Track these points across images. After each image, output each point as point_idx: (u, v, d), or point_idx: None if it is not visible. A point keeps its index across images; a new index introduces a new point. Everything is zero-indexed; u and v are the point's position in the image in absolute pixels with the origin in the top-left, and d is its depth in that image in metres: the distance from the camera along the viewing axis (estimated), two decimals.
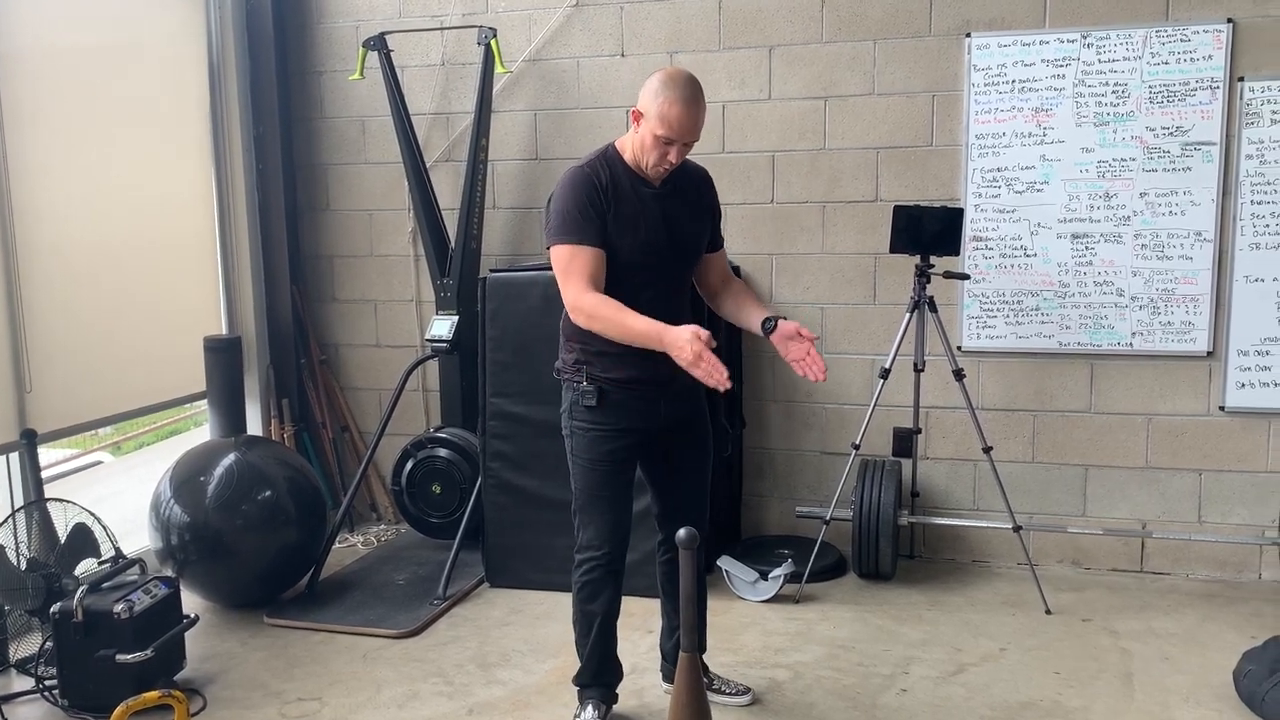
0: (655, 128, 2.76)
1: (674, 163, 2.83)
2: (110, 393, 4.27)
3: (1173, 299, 4.16)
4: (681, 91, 2.75)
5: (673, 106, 2.73)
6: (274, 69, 4.95)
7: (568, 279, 2.80)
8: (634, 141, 2.84)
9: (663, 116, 2.74)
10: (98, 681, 3.21)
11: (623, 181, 2.85)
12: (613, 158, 2.89)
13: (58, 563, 3.52)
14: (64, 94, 4.02)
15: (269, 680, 3.49)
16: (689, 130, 2.78)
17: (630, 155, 2.87)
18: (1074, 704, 3.22)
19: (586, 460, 2.96)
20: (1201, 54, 4.02)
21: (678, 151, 2.81)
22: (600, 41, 4.63)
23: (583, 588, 3.02)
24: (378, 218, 5.06)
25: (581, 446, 2.96)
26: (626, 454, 2.98)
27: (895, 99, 4.34)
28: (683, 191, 2.96)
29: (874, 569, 4.22)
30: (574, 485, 3.01)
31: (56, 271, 3.97)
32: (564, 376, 3.01)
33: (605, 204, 2.81)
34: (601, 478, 2.95)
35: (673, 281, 2.97)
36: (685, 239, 2.97)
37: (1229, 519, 4.21)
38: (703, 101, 2.81)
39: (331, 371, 5.21)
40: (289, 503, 4.03)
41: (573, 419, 2.98)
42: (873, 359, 4.44)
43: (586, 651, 3.07)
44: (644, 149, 2.81)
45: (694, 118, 2.77)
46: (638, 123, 2.82)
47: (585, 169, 2.85)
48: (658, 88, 2.76)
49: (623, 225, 2.83)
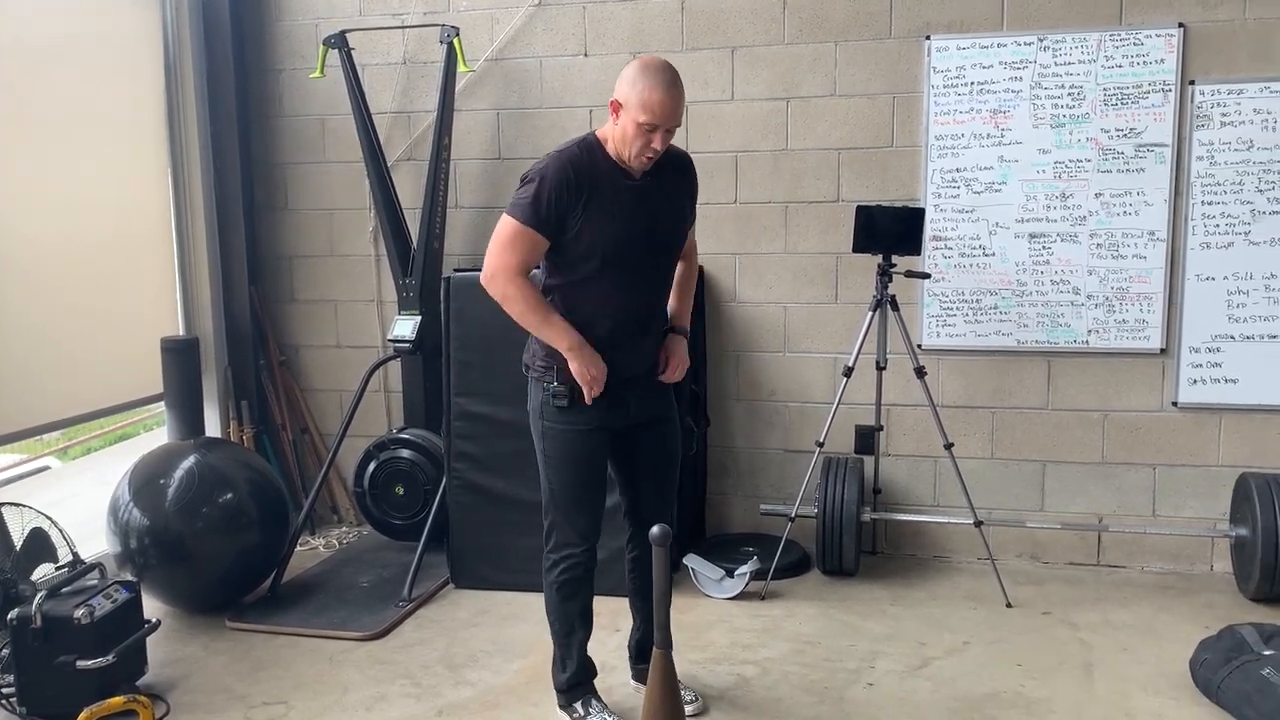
0: (637, 115, 2.73)
1: (658, 150, 2.80)
2: (65, 395, 4.19)
3: (1127, 297, 4.25)
4: (661, 77, 2.74)
5: (654, 92, 2.72)
6: (232, 66, 4.88)
7: (504, 253, 2.80)
8: (615, 133, 2.81)
9: (644, 103, 2.72)
10: (58, 688, 3.15)
11: (602, 172, 2.83)
12: (593, 146, 2.86)
13: (14, 568, 3.45)
14: (14, 91, 3.94)
15: (233, 684, 3.45)
16: (671, 115, 2.76)
17: (612, 146, 2.84)
18: (1037, 695, 3.28)
19: (560, 460, 2.95)
20: (1154, 58, 4.12)
21: (661, 138, 2.78)
22: (563, 41, 4.63)
23: (562, 586, 3.01)
24: (338, 217, 5.01)
25: (555, 447, 2.95)
26: (600, 451, 2.98)
27: (856, 100, 4.39)
28: (663, 181, 2.93)
29: (838, 565, 4.26)
30: (547, 485, 3.00)
31: (9, 272, 3.89)
32: (533, 374, 3.00)
33: (577, 196, 2.78)
34: (577, 477, 2.95)
35: (650, 272, 2.96)
36: (665, 229, 2.95)
37: (1182, 512, 4.30)
38: (681, 85, 2.80)
39: (291, 373, 5.15)
40: (250, 505, 3.99)
41: (544, 419, 2.96)
42: (835, 357, 4.48)
43: (574, 652, 3.06)
44: (626, 139, 2.78)
45: (676, 102, 2.76)
46: (616, 114, 2.79)
47: (565, 156, 2.82)
48: (636, 76, 2.75)
49: (600, 216, 2.81)
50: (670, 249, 3.01)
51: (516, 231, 2.79)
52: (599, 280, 2.85)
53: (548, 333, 2.85)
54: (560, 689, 3.11)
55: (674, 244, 3.02)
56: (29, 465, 6.80)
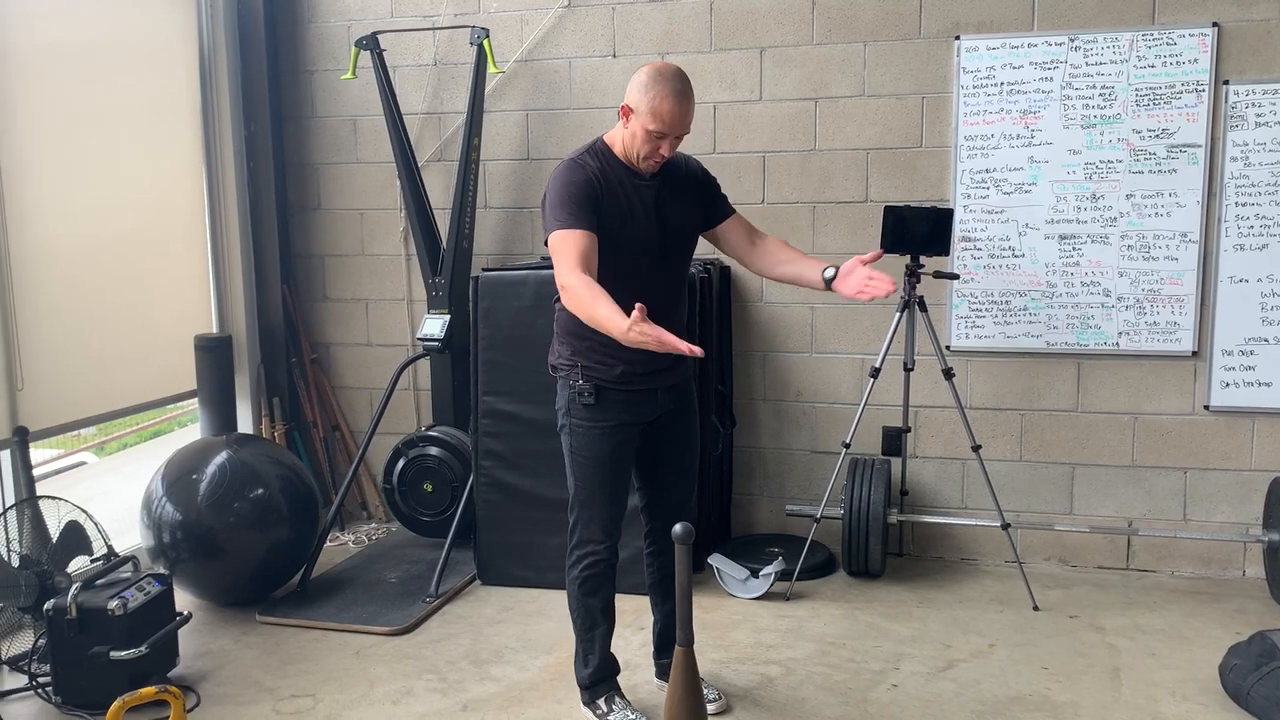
0: (647, 122, 2.78)
1: (666, 156, 2.86)
2: (101, 391, 4.27)
3: (1158, 299, 4.21)
4: (672, 85, 2.78)
5: (664, 101, 2.76)
6: (265, 68, 4.96)
7: (559, 261, 2.80)
8: (624, 136, 2.87)
9: (654, 111, 2.77)
10: (91, 678, 3.21)
11: (613, 173, 2.87)
12: (602, 150, 2.91)
13: (50, 560, 3.52)
14: (55, 92, 4.02)
15: (263, 677, 3.50)
16: (680, 124, 2.81)
17: (620, 149, 2.89)
18: (1062, 698, 3.26)
19: (586, 457, 2.98)
20: (1187, 58, 4.08)
21: (669, 145, 2.84)
22: (592, 42, 4.66)
23: (585, 582, 3.04)
24: (369, 217, 5.07)
25: (581, 444, 2.98)
26: (626, 448, 3.01)
27: (885, 100, 4.38)
28: (673, 182, 2.98)
29: (864, 567, 4.25)
30: (573, 481, 3.03)
31: (48, 270, 3.97)
32: (559, 373, 3.03)
33: (599, 195, 2.83)
34: (603, 474, 2.98)
35: (665, 270, 2.98)
36: (676, 229, 2.99)
37: (1213, 517, 4.26)
38: (692, 94, 2.84)
39: (322, 370, 5.21)
40: (281, 501, 4.04)
41: (571, 416, 2.99)
42: (862, 358, 4.47)
43: (596, 648, 3.08)
44: (635, 143, 2.84)
45: (685, 111, 2.80)
46: (626, 118, 2.84)
47: (575, 160, 2.88)
48: (647, 82, 2.79)
49: (614, 217, 2.85)
50: (682, 248, 3.04)
51: (560, 238, 2.80)
52: (619, 276, 2.86)
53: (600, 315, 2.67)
54: (583, 685, 3.13)
55: (685, 240, 3.05)
56: (66, 460, 6.93)
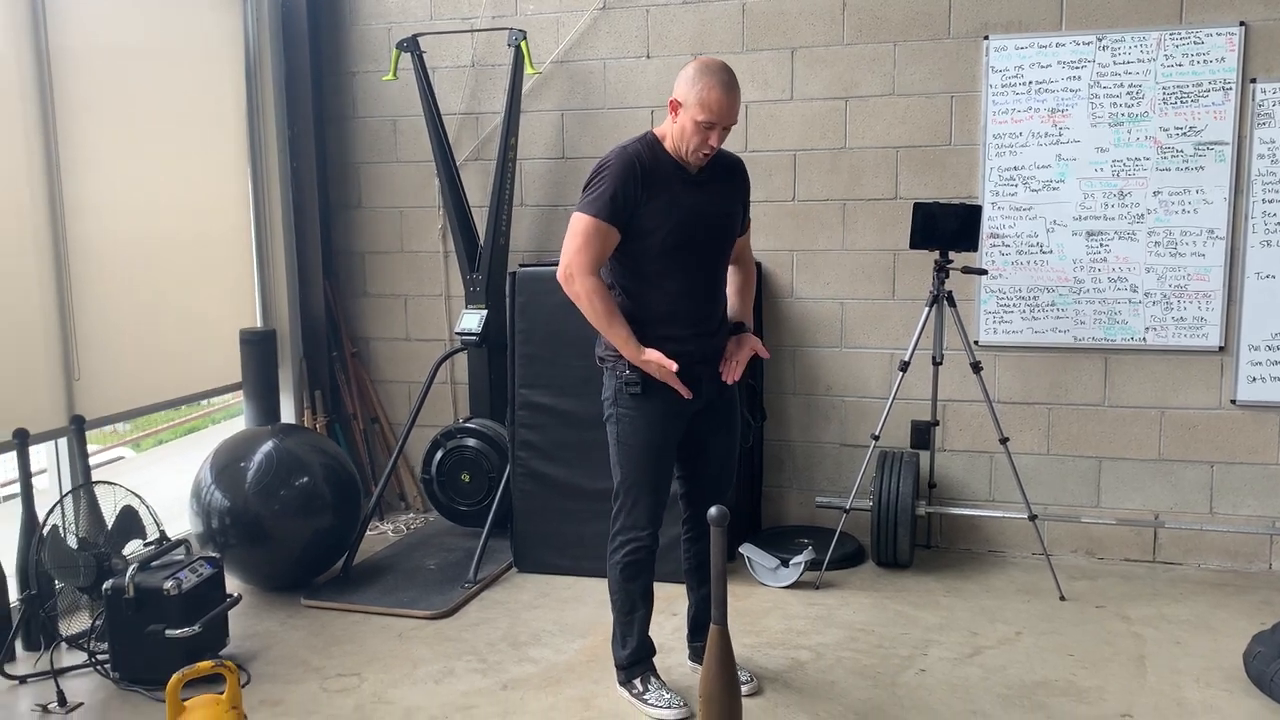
0: (696, 114, 2.87)
1: (715, 147, 2.95)
2: (152, 382, 4.42)
3: (1185, 295, 4.26)
4: (719, 76, 2.88)
5: (712, 91, 2.86)
6: (308, 70, 5.09)
7: (579, 250, 2.94)
8: (674, 130, 2.96)
9: (703, 102, 2.86)
10: (147, 656, 3.34)
11: (662, 167, 2.98)
12: (654, 143, 3.01)
13: (107, 543, 3.66)
14: (108, 93, 4.17)
15: (309, 657, 3.63)
16: (728, 113, 2.90)
17: (670, 143, 2.99)
18: (1088, 684, 3.32)
19: (633, 445, 3.08)
20: (1214, 56, 4.13)
21: (718, 135, 2.93)
22: (626, 43, 4.76)
23: (626, 568, 3.13)
24: (409, 215, 5.19)
25: (628, 433, 3.08)
26: (672, 437, 3.11)
27: (915, 99, 4.45)
28: (718, 178, 3.08)
29: (892, 557, 4.33)
30: (620, 469, 3.12)
31: (102, 266, 4.12)
32: (606, 364, 3.13)
33: (642, 189, 2.93)
34: (649, 462, 3.08)
35: (708, 262, 3.09)
36: (719, 222, 3.09)
37: (1240, 510, 4.30)
38: (738, 85, 2.94)
39: (363, 364, 5.35)
40: (325, 489, 4.16)
41: (618, 406, 3.09)
42: (891, 353, 4.55)
43: (635, 630, 3.18)
44: (684, 136, 2.93)
45: (733, 101, 2.90)
46: (675, 113, 2.94)
47: (630, 152, 2.97)
48: (694, 75, 2.89)
49: (660, 208, 2.96)
50: (724, 241, 3.14)
51: (591, 227, 2.93)
52: (662, 272, 3.00)
53: (613, 336, 3.00)
54: (621, 665, 3.23)
55: (728, 237, 3.14)
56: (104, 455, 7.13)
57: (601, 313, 2.97)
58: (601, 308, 2.97)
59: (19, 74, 3.77)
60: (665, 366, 2.94)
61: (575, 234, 2.96)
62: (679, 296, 3.03)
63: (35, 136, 3.83)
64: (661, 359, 2.94)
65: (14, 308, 3.76)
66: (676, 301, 3.03)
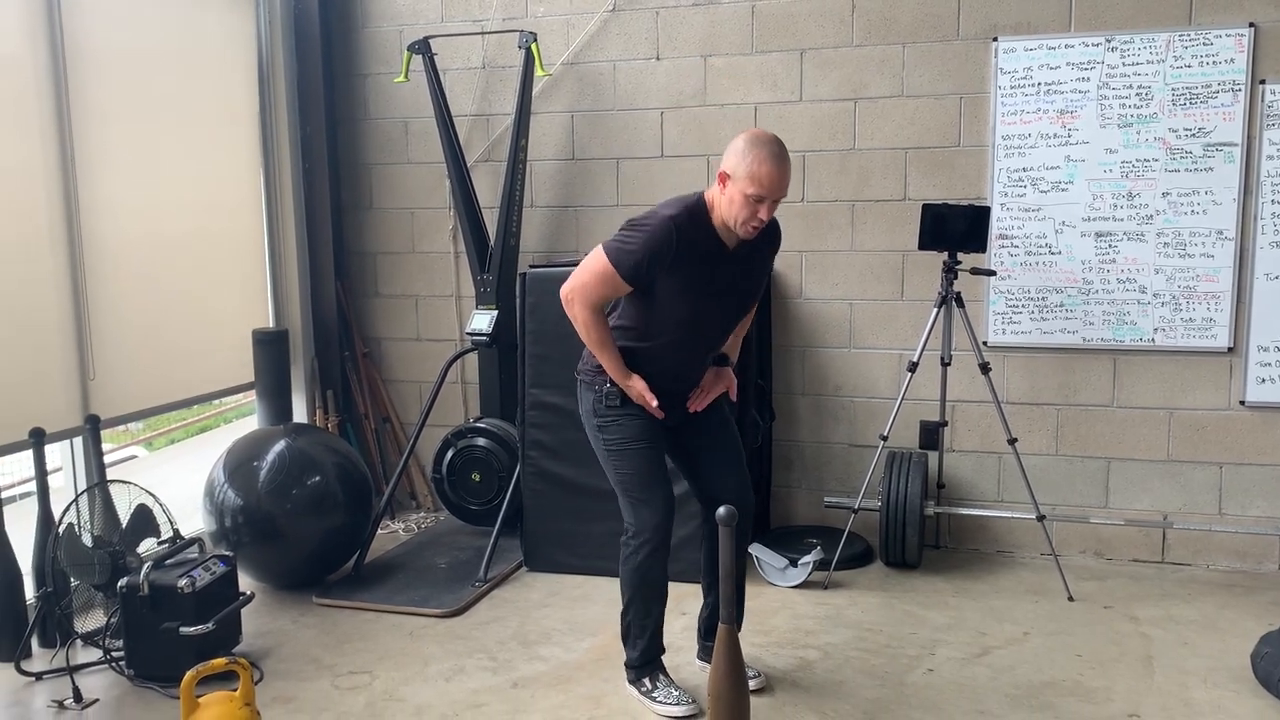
0: (745, 187, 2.84)
1: (764, 220, 2.90)
2: (165, 381, 4.46)
3: (1194, 296, 4.27)
4: (770, 149, 2.85)
5: (763, 165, 2.83)
6: (321, 72, 5.13)
7: (589, 285, 2.97)
8: (722, 201, 2.92)
9: (753, 175, 2.83)
10: (162, 653, 3.38)
11: (701, 240, 2.96)
12: (699, 213, 2.96)
13: (121, 541, 3.70)
14: (123, 94, 4.21)
15: (321, 655, 3.66)
16: (779, 187, 2.87)
17: (718, 213, 2.95)
18: (1095, 684, 3.33)
19: (624, 443, 3.11)
20: (1223, 57, 4.13)
21: (768, 209, 2.89)
22: (636, 45, 4.78)
23: (638, 568, 3.14)
24: (419, 216, 5.23)
25: (616, 433, 3.11)
26: (657, 437, 3.14)
27: (923, 101, 4.46)
28: (755, 249, 3.07)
29: (900, 558, 4.34)
30: (617, 474, 3.15)
31: (117, 266, 4.16)
32: (583, 378, 3.18)
33: (671, 264, 2.93)
34: (644, 457, 3.10)
35: (714, 331, 3.15)
36: (741, 299, 3.16)
37: (1249, 511, 4.31)
38: (789, 158, 2.90)
39: (374, 364, 5.38)
40: (337, 488, 4.19)
41: (598, 416, 3.14)
42: (900, 353, 4.56)
43: (646, 630, 3.20)
44: (733, 208, 2.88)
45: (784, 174, 2.87)
46: (724, 184, 2.89)
47: (673, 222, 2.91)
48: (745, 148, 2.86)
49: (686, 281, 2.96)
50: (741, 312, 3.20)
51: (609, 274, 2.95)
52: (669, 330, 3.05)
53: (603, 360, 3.06)
54: (631, 664, 3.25)
55: (746, 308, 3.21)
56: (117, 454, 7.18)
57: (595, 339, 3.03)
58: (595, 335, 3.02)
59: (35, 76, 3.81)
60: (646, 402, 3.02)
61: (592, 270, 2.97)
62: (676, 350, 3.08)
63: (51, 137, 3.87)
64: (644, 392, 3.02)
65: (30, 308, 3.81)
66: (672, 355, 3.08)
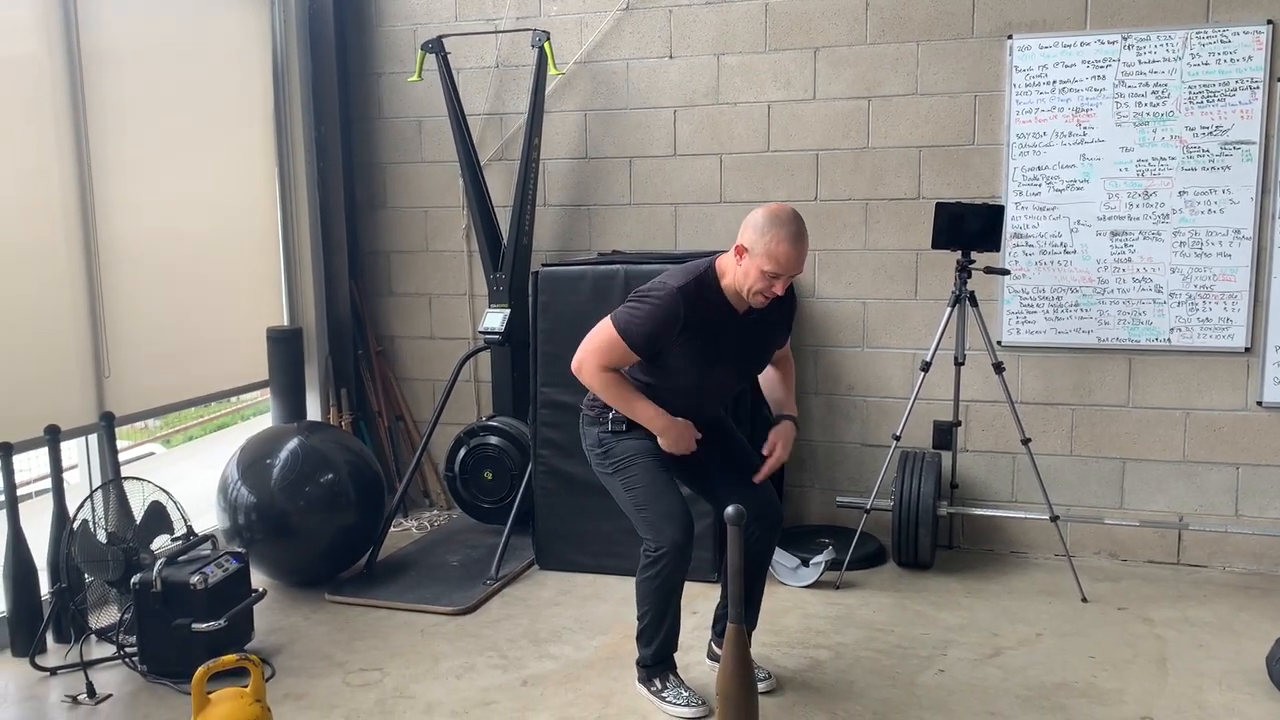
0: (763, 264, 2.87)
1: (778, 294, 2.94)
2: (180, 379, 4.48)
3: (1211, 295, 4.23)
4: (789, 229, 2.86)
5: (781, 244, 2.85)
6: (335, 71, 5.15)
7: (599, 352, 3.00)
8: (737, 273, 2.94)
9: (770, 253, 2.85)
10: (174, 649, 3.40)
11: (712, 307, 2.99)
12: (709, 283, 2.99)
13: (135, 538, 3.72)
14: (138, 93, 4.23)
15: (333, 652, 3.67)
16: (796, 266, 2.90)
17: (729, 281, 2.97)
18: (1108, 686, 3.31)
19: (632, 457, 3.10)
20: (1241, 55, 4.09)
21: (783, 284, 2.92)
22: (649, 44, 4.78)
23: (655, 576, 3.08)
24: (433, 215, 5.24)
25: (624, 451, 3.12)
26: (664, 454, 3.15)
27: (937, 99, 4.44)
28: (768, 316, 3.08)
29: (913, 558, 4.32)
30: (627, 493, 3.13)
31: (132, 264, 4.18)
32: (587, 414, 3.21)
33: (679, 335, 2.95)
34: (654, 471, 3.09)
35: (730, 385, 3.19)
36: (752, 362, 3.18)
37: (1266, 512, 4.27)
38: (807, 236, 2.92)
39: (388, 362, 5.40)
40: (349, 486, 4.21)
41: (603, 444, 3.15)
42: (913, 353, 4.54)
43: (661, 632, 3.19)
44: (748, 280, 2.92)
45: (801, 253, 2.89)
46: (740, 257, 2.92)
47: (681, 295, 2.94)
48: (764, 225, 2.87)
49: (697, 347, 2.99)
50: (757, 366, 3.22)
51: (618, 344, 2.97)
52: (679, 391, 3.07)
53: (635, 414, 3.06)
54: (643, 664, 3.25)
55: (760, 368, 3.23)
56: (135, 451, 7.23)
57: (618, 397, 3.03)
58: (616, 393, 3.03)
59: (51, 75, 3.84)
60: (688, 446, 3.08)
61: (601, 340, 3.00)
62: (686, 403, 3.10)
63: (67, 137, 3.90)
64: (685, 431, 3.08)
65: (46, 306, 3.83)
66: (683, 405, 3.10)
